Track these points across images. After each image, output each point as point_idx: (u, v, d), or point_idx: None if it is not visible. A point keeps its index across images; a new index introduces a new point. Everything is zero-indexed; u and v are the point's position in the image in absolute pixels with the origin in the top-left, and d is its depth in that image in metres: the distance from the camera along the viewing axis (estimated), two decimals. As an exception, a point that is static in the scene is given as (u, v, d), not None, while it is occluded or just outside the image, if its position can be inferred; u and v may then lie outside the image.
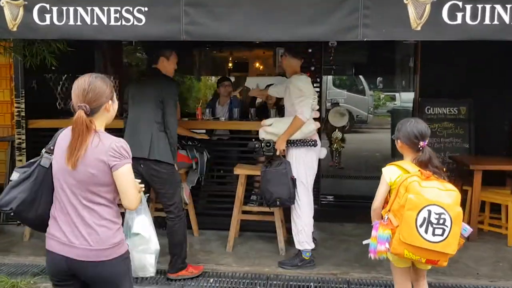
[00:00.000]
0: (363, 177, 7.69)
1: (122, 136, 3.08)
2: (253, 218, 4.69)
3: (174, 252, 3.85)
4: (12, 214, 2.15)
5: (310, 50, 5.67)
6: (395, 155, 7.79)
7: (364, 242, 2.73)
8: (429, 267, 2.73)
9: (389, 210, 2.53)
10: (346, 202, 6.17)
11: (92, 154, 2.02)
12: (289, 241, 4.55)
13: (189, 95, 10.01)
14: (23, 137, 5.10)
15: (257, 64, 12.73)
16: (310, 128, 4.10)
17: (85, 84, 2.06)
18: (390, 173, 2.63)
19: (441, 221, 2.37)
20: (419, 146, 2.60)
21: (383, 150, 8.73)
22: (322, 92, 5.92)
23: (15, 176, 2.20)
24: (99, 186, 2.04)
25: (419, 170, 2.55)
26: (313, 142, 4.12)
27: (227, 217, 4.60)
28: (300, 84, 4.06)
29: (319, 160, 4.41)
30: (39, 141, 5.15)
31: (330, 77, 11.46)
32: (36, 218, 2.17)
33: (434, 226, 2.38)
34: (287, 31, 3.02)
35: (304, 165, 4.10)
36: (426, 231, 2.37)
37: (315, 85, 5.78)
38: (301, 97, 4.01)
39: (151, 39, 3.09)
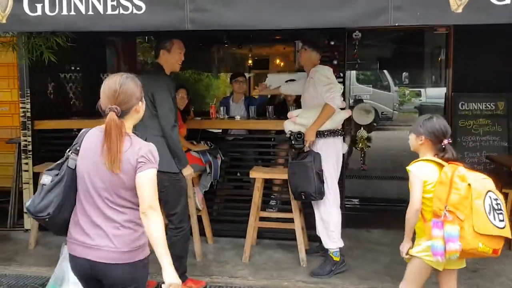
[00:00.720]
0: (390, 178, 7.23)
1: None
2: (271, 226, 4.31)
3: None
4: (46, 220, 2.09)
5: (332, 43, 5.26)
6: (423, 154, 7.35)
7: (414, 251, 2.57)
8: (463, 265, 2.59)
9: (445, 206, 2.35)
10: (373, 206, 5.74)
11: (122, 158, 1.98)
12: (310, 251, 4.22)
13: (207, 93, 9.68)
14: (29, 139, 4.84)
15: (278, 61, 12.38)
16: (341, 116, 3.91)
17: (116, 85, 2.01)
18: (424, 170, 2.51)
19: (499, 206, 2.37)
20: (443, 143, 2.53)
21: (410, 148, 8.23)
22: (345, 88, 5.49)
23: (46, 179, 2.13)
24: (127, 190, 2.01)
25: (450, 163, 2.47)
26: (340, 132, 3.94)
27: (244, 223, 4.24)
28: (328, 72, 3.90)
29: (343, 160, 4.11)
30: (46, 143, 4.93)
31: (353, 72, 10.98)
32: (63, 222, 2.11)
33: (497, 212, 2.35)
34: (305, 16, 2.64)
35: (334, 157, 3.88)
36: (494, 218, 2.33)
37: (338, 80, 5.43)
38: (329, 85, 3.81)
39: (152, 29, 2.77)
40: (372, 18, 2.57)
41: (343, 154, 4.13)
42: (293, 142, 3.80)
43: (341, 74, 5.40)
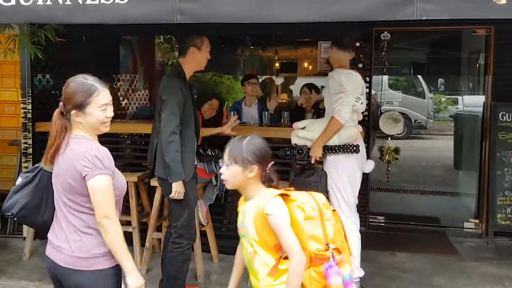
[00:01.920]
0: (420, 192, 6.68)
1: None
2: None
3: (164, 284, 3.29)
4: (15, 219, 2.14)
5: (357, 44, 4.80)
6: (459, 166, 6.80)
7: None
8: None
9: (327, 245, 1.86)
10: (400, 224, 5.20)
11: (65, 161, 1.93)
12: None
13: (228, 96, 9.33)
14: (30, 141, 4.58)
15: (306, 64, 11.94)
16: (350, 132, 3.35)
17: (66, 83, 2.02)
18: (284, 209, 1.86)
19: None
20: (267, 169, 1.96)
21: (444, 160, 7.61)
22: (370, 95, 5.03)
23: (19, 181, 2.15)
24: (78, 195, 1.93)
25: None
26: (354, 148, 3.35)
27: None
28: (343, 78, 3.30)
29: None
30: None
31: (385, 78, 10.42)
32: (43, 223, 2.10)
33: None
34: (316, 8, 2.22)
35: (343, 177, 3.35)
36: None
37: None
38: (340, 94, 3.26)
39: (137, 21, 2.38)
40: (394, 11, 2.11)
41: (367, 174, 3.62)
42: (296, 157, 3.37)
43: (367, 79, 4.96)
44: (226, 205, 4.39)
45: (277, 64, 12.40)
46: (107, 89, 2.01)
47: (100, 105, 1.94)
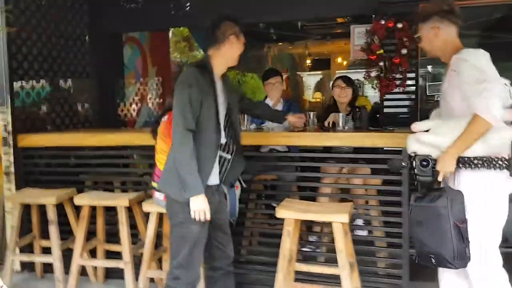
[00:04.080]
0: None
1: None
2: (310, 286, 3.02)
3: None
4: None
5: (400, 25, 3.91)
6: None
7: None
8: None
9: None
10: None
11: None
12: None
13: (253, 96, 8.53)
14: (11, 158, 3.90)
15: (340, 59, 11.03)
16: (503, 136, 2.29)
17: None
18: None
19: None
20: None
21: None
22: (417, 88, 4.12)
23: None
24: None
25: None
26: (504, 164, 2.30)
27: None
28: (483, 62, 2.31)
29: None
30: (31, 163, 3.98)
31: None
32: None
33: None
34: None
35: (488, 202, 2.33)
36: None
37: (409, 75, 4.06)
38: (483, 83, 2.22)
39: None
40: None
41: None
42: (416, 171, 2.40)
43: (413, 69, 4.05)
44: (243, 231, 3.59)
45: (308, 61, 11.57)
46: None
47: None
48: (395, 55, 3.97)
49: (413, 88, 4.10)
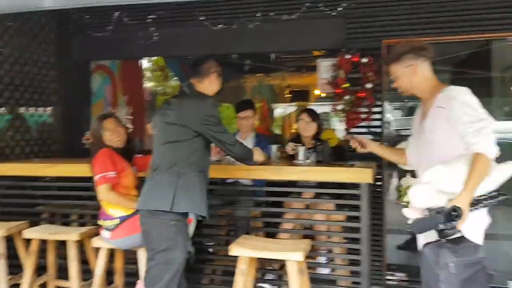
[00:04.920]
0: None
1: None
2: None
3: None
4: None
5: (364, 60, 3.93)
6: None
7: None
8: None
9: None
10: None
11: None
12: None
13: (229, 128, 8.47)
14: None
15: (317, 91, 11.11)
16: (505, 171, 2.29)
17: None
18: None
19: None
20: None
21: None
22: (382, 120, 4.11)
23: None
24: None
25: None
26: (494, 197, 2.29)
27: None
28: (474, 99, 2.28)
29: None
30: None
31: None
32: None
33: None
34: None
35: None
36: None
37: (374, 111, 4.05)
38: (480, 122, 2.21)
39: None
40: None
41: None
42: (442, 226, 2.14)
43: (378, 103, 4.05)
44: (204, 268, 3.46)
45: (287, 92, 11.61)
46: None
47: None
48: (361, 89, 3.97)
49: (379, 122, 4.08)
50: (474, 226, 2.23)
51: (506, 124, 6.65)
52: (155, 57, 7.51)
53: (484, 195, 2.24)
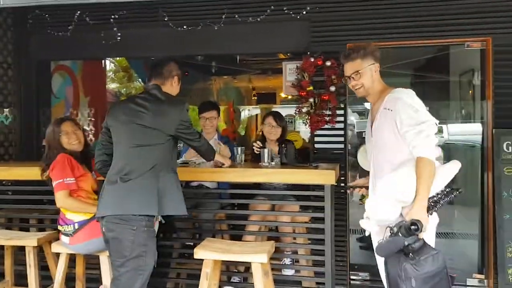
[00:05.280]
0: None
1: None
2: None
3: None
4: None
5: (328, 63, 3.98)
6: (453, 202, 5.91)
7: None
8: None
9: None
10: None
11: None
12: None
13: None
14: None
15: (283, 94, 11.17)
16: (449, 172, 2.33)
17: None
18: None
19: None
20: None
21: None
22: (346, 124, 4.17)
23: None
24: None
25: None
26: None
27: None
28: (418, 101, 2.32)
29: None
30: None
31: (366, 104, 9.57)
32: None
33: None
34: None
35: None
36: None
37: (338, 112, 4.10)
38: (420, 125, 2.25)
39: None
40: None
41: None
42: (406, 243, 2.13)
43: (342, 106, 4.11)
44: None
45: (253, 94, 11.64)
46: None
47: None
48: (324, 91, 4.02)
49: (342, 125, 4.14)
50: (430, 229, 2.26)
51: (464, 126, 6.88)
52: (118, 58, 7.36)
53: (436, 195, 2.28)
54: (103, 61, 6.63)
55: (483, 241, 4.11)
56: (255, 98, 11.72)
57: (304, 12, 4.11)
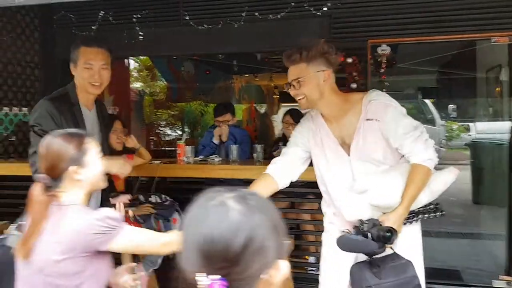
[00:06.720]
0: (432, 234, 5.62)
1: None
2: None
3: None
4: None
5: (349, 60, 3.93)
6: (480, 200, 5.79)
7: None
8: None
9: None
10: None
11: (52, 237, 1.59)
12: None
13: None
14: None
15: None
16: (447, 180, 2.15)
17: (43, 147, 1.70)
18: None
19: None
20: None
21: (460, 194, 6.52)
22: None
23: None
24: (64, 277, 1.59)
25: None
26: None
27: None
28: (400, 107, 2.12)
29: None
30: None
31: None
32: None
33: None
34: None
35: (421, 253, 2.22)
36: None
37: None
38: (414, 130, 2.03)
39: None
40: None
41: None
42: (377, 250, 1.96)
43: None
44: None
45: (275, 93, 11.61)
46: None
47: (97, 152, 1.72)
48: (345, 89, 3.97)
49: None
50: (406, 241, 2.06)
51: (491, 124, 6.73)
52: (142, 57, 7.45)
53: (420, 208, 2.11)
54: (126, 60, 6.71)
55: (511, 242, 4.01)
56: (277, 96, 11.70)
57: (325, 9, 4.07)
